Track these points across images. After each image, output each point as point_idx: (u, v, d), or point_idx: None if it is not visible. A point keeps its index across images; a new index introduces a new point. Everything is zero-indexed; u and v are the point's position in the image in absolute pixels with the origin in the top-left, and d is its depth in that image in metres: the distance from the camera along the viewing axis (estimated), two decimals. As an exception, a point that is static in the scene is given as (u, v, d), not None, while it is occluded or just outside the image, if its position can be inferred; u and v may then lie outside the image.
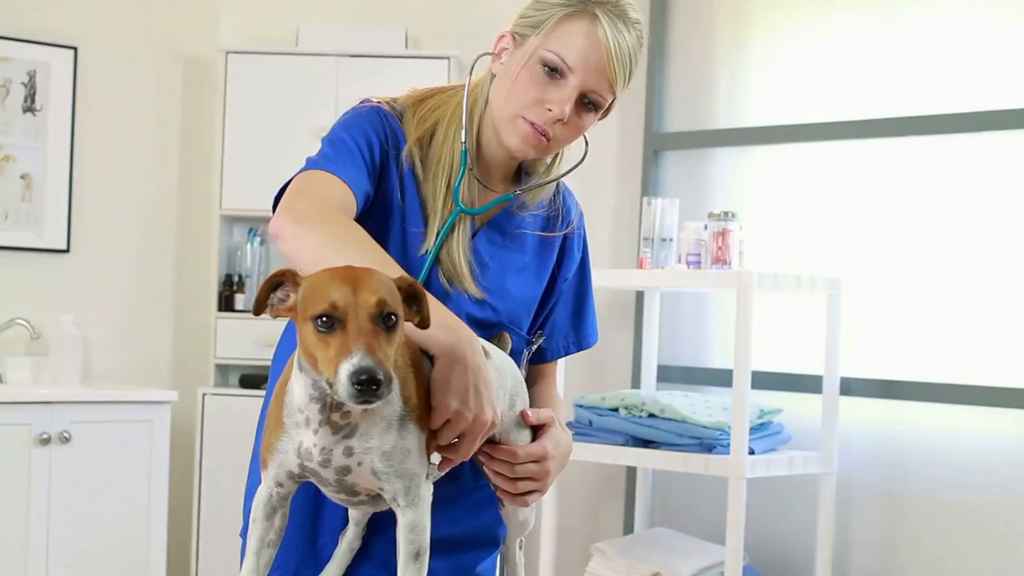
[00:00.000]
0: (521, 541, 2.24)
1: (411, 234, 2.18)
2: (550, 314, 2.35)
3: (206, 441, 5.50)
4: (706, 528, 4.99)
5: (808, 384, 4.80)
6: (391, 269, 1.91)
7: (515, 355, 2.24)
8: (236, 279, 5.70)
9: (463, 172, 2.18)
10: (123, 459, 5.10)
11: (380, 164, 2.17)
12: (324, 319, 1.67)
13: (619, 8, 2.12)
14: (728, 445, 4.32)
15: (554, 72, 2.11)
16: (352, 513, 2.15)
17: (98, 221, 5.69)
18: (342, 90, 5.48)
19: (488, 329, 2.20)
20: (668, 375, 5.21)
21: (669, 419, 4.47)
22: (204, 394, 5.53)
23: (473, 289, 2.19)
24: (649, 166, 5.27)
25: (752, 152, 5.11)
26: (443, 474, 1.97)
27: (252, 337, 5.57)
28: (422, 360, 1.88)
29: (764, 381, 4.79)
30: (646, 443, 4.55)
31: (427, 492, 1.85)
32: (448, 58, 5.46)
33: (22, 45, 5.45)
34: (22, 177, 5.45)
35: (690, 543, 4.77)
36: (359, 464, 1.78)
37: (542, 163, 2.29)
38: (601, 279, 4.68)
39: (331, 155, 2.12)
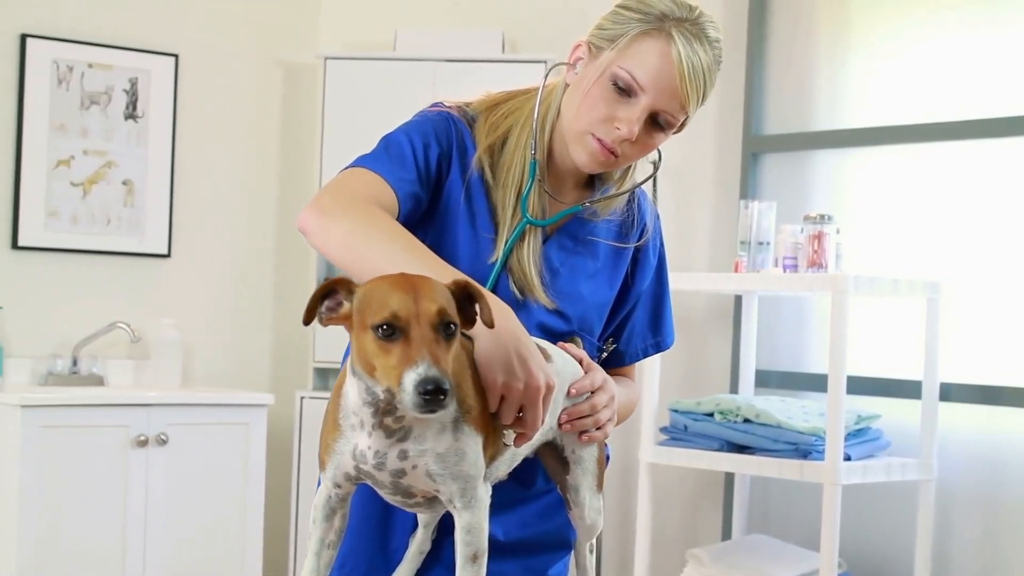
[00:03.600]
0: (591, 545, 2.21)
1: (482, 239, 2.17)
2: (627, 319, 2.33)
3: (304, 444, 5.53)
4: (804, 535, 4.93)
5: (907, 389, 4.72)
6: (422, 255, 1.92)
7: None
8: (334, 283, 5.73)
9: (532, 183, 2.16)
10: (219, 461, 5.15)
11: (436, 170, 2.16)
12: (385, 327, 1.67)
13: (698, 26, 2.07)
14: (823, 451, 4.26)
15: (625, 90, 2.07)
16: (421, 516, 2.15)
17: (198, 226, 5.75)
18: (440, 94, 5.46)
19: (561, 338, 2.18)
20: (767, 380, 5.15)
21: (764, 424, 4.42)
22: (302, 397, 5.56)
23: (544, 299, 2.17)
24: (747, 169, 5.21)
25: (851, 154, 5.04)
26: (504, 477, 1.96)
27: (350, 341, 5.57)
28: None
29: (862, 386, 4.73)
30: (741, 448, 4.51)
31: (484, 494, 1.84)
32: (545, 61, 5.43)
33: (124, 53, 5.53)
34: (124, 183, 5.52)
35: (786, 550, 4.71)
36: (414, 467, 1.78)
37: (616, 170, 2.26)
38: (698, 283, 4.66)
39: (378, 154, 2.13)
